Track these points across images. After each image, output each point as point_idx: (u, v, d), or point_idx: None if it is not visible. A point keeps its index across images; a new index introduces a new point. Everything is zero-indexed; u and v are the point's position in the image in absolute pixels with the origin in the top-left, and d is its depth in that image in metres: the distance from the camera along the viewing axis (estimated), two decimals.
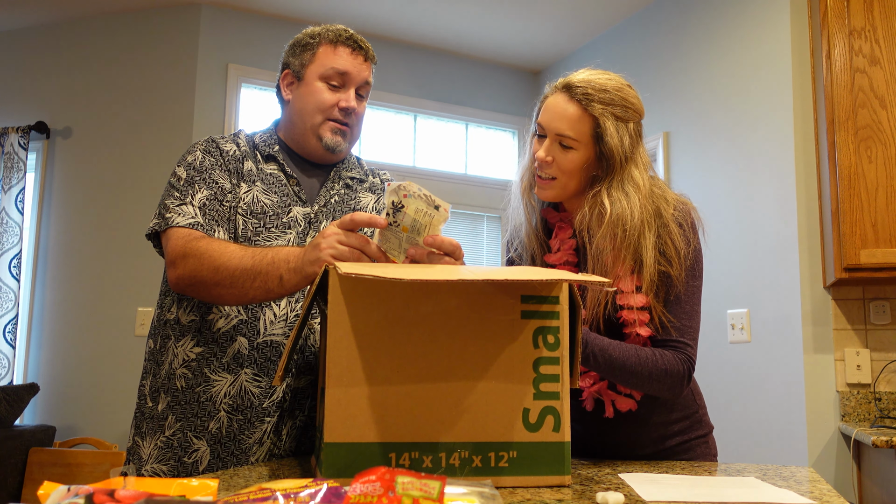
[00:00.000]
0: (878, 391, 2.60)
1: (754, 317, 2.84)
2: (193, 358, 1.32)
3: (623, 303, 1.30)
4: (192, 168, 1.37)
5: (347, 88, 1.42)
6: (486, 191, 4.28)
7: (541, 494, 0.91)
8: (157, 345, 1.38)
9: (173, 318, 1.36)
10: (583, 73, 1.37)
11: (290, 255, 1.15)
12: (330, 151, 1.43)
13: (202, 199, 1.32)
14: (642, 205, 1.31)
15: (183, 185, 1.34)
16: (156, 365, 1.37)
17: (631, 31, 3.71)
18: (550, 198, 1.40)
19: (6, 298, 3.56)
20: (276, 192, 1.40)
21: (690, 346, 1.31)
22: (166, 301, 1.39)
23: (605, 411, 1.35)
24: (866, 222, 2.45)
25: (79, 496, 0.60)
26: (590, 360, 1.24)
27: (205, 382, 1.31)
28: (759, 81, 2.93)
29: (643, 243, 1.29)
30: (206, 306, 1.33)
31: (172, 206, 1.32)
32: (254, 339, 1.32)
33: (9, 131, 3.70)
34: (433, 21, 3.86)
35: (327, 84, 1.41)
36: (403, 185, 1.09)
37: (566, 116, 1.34)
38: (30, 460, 3.17)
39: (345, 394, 0.92)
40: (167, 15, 3.70)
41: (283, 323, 1.33)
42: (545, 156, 1.36)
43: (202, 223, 1.30)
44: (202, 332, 1.33)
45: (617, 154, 1.32)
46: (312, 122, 1.41)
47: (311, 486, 0.65)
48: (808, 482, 1.09)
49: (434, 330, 0.96)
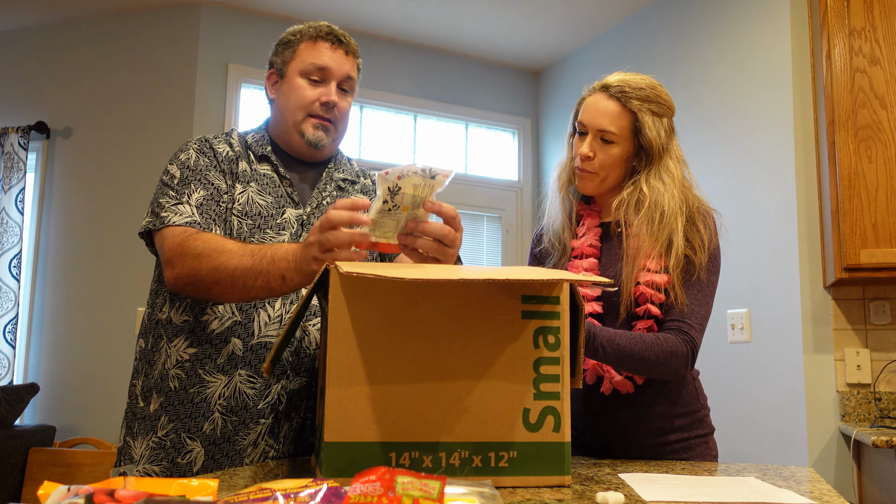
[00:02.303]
0: (878, 391, 2.60)
1: (754, 317, 2.84)
2: (187, 359, 1.31)
3: (645, 280, 1.37)
4: (186, 167, 1.35)
5: (328, 83, 1.41)
6: (486, 191, 4.28)
7: (541, 494, 0.91)
8: (149, 344, 1.37)
9: (165, 318, 1.35)
10: (617, 74, 1.48)
11: (290, 254, 1.14)
12: (313, 147, 1.42)
13: (199, 198, 1.31)
14: (677, 192, 1.41)
15: (178, 185, 1.33)
16: (147, 365, 1.36)
17: (631, 31, 3.71)
18: (591, 190, 1.50)
19: (6, 298, 3.56)
20: (271, 192, 1.39)
21: (695, 329, 1.36)
22: (158, 300, 1.38)
23: (602, 386, 1.41)
24: (866, 222, 2.45)
25: (79, 496, 0.60)
26: (599, 352, 1.29)
27: (199, 383, 1.30)
28: (760, 81, 2.93)
29: (675, 227, 1.38)
30: (200, 306, 1.32)
31: (168, 204, 1.30)
32: (248, 341, 1.31)
33: (9, 131, 3.70)
34: (433, 21, 3.86)
35: (308, 80, 1.41)
36: (395, 168, 1.06)
37: (607, 113, 1.44)
38: (30, 460, 3.17)
39: (345, 393, 0.92)
40: (167, 15, 3.70)
41: (277, 324, 1.33)
42: (588, 151, 1.45)
43: (199, 222, 1.29)
44: (196, 332, 1.31)
45: (655, 146, 1.43)
46: (295, 118, 1.41)
47: (311, 486, 0.65)
48: (808, 482, 1.09)
49: (434, 330, 0.96)
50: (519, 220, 4.34)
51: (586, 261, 1.47)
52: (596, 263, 1.47)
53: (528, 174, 4.41)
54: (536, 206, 4.36)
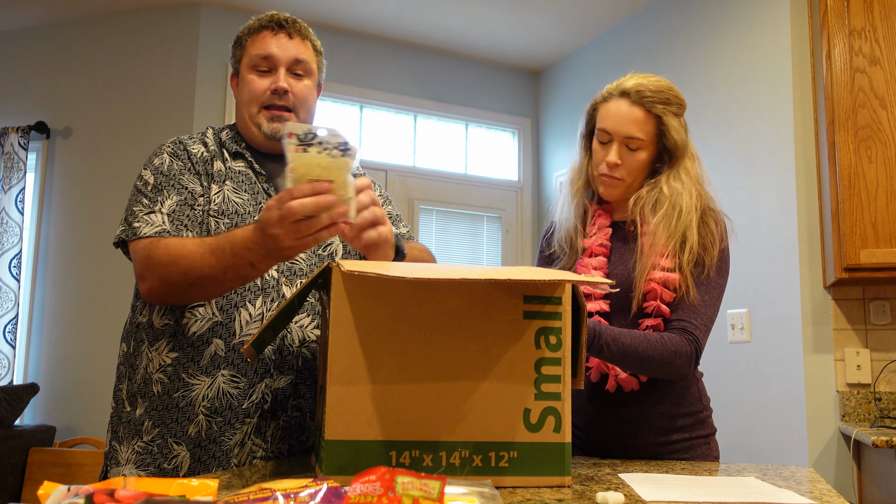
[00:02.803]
0: (878, 391, 2.60)
1: (754, 317, 2.84)
2: (169, 363, 1.29)
3: (657, 277, 1.39)
4: (160, 173, 1.34)
5: (276, 71, 1.38)
6: (486, 191, 4.28)
7: (541, 494, 0.91)
8: (131, 348, 1.35)
9: (146, 322, 1.33)
10: (633, 78, 1.47)
11: (248, 242, 1.10)
12: (274, 139, 1.38)
13: (172, 205, 1.30)
14: (694, 191, 1.44)
15: (151, 191, 1.31)
16: (131, 369, 1.34)
17: (631, 31, 3.71)
18: (616, 197, 1.51)
19: (6, 298, 3.56)
20: (247, 189, 1.37)
21: (700, 330, 1.37)
22: (138, 304, 1.36)
23: (607, 384, 1.42)
24: (866, 222, 2.45)
25: (79, 496, 0.60)
26: (603, 351, 1.30)
27: (183, 387, 1.28)
28: (759, 81, 2.93)
29: (690, 223, 1.41)
30: (180, 309, 1.30)
31: (140, 213, 1.29)
32: (230, 341, 1.29)
33: (9, 131, 3.70)
34: (433, 21, 3.86)
35: (256, 72, 1.38)
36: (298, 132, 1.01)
37: (632, 119, 1.44)
38: (30, 460, 3.17)
39: (346, 391, 0.92)
40: (167, 15, 3.70)
41: (258, 322, 1.32)
42: (616, 159, 1.45)
43: (170, 230, 1.27)
44: (177, 336, 1.29)
45: (679, 147, 1.46)
46: (250, 112, 1.39)
47: (311, 485, 0.65)
48: (808, 482, 1.09)
49: (436, 329, 0.96)
50: (519, 220, 4.33)
51: (595, 259, 1.48)
52: (605, 262, 1.47)
53: (528, 174, 4.40)
54: (536, 206, 4.36)
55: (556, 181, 4.13)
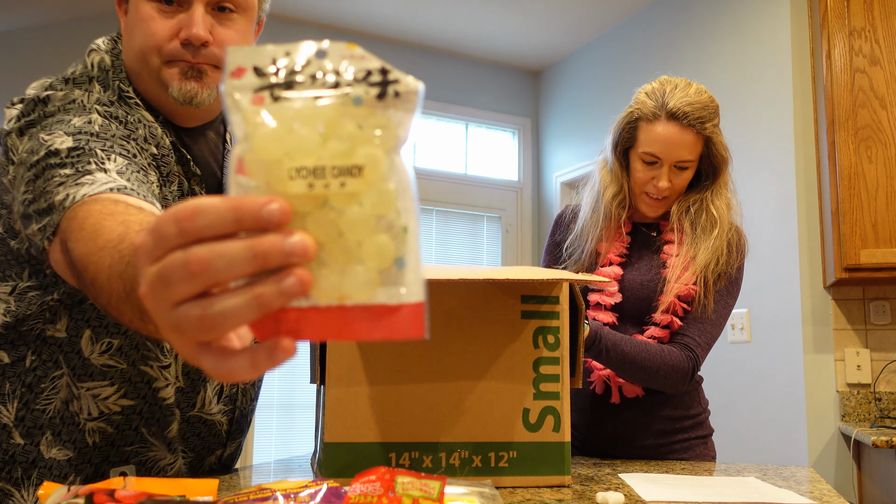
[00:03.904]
0: (878, 391, 2.60)
1: (754, 317, 2.84)
2: (118, 411, 0.97)
3: (677, 290, 1.38)
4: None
5: (187, 6, 0.95)
6: (486, 191, 4.28)
7: (541, 494, 0.91)
8: (28, 362, 0.96)
9: (71, 347, 0.96)
10: (682, 96, 1.39)
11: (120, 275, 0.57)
12: (188, 105, 0.97)
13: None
14: (731, 206, 1.47)
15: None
16: (24, 388, 0.95)
17: (631, 31, 3.71)
18: (660, 214, 1.49)
19: None
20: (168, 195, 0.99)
21: (701, 347, 1.37)
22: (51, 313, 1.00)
23: (612, 397, 1.41)
24: (866, 222, 2.45)
25: (79, 496, 0.60)
26: (602, 354, 1.30)
27: (139, 442, 1.00)
28: (759, 81, 2.93)
29: (723, 244, 1.42)
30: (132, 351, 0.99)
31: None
32: (186, 411, 1.05)
33: None
34: (433, 21, 3.86)
35: (157, 5, 0.96)
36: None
37: (684, 144, 1.40)
38: None
39: (345, 393, 0.92)
40: None
41: (224, 405, 1.11)
42: (667, 183, 1.42)
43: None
44: (132, 381, 0.98)
45: (724, 162, 1.46)
46: (148, 63, 0.97)
47: (311, 486, 0.65)
48: (808, 482, 1.09)
49: (435, 329, 0.96)
50: (519, 220, 4.33)
51: (611, 269, 1.46)
52: (620, 273, 1.45)
53: (528, 174, 4.40)
54: (536, 206, 4.36)
55: (557, 181, 4.13)
